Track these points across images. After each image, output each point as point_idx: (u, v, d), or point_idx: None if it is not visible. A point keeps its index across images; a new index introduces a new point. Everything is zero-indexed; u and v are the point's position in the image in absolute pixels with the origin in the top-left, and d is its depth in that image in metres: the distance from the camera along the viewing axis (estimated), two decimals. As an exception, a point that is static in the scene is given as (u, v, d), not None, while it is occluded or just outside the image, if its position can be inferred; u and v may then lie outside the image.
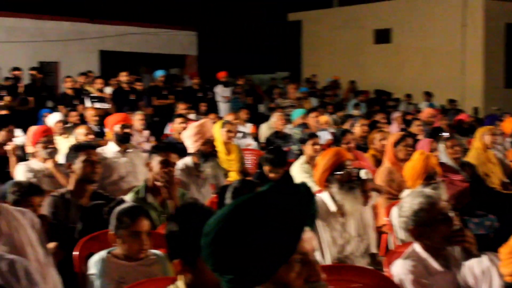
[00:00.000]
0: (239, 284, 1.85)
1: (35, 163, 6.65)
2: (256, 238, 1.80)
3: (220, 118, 11.14)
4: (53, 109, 11.78)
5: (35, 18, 18.48)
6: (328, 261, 4.56)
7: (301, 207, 1.90)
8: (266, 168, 6.26)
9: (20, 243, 3.28)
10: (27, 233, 3.34)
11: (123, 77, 13.34)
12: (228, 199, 4.32)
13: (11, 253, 2.75)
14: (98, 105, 12.78)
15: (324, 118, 11.84)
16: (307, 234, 1.91)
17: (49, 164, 6.58)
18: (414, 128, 10.40)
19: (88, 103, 12.84)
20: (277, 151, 6.50)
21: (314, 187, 6.13)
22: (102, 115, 11.56)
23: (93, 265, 3.78)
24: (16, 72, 12.90)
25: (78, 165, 4.79)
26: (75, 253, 3.97)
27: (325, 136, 10.46)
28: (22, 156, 7.59)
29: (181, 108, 11.52)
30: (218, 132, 7.98)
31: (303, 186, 1.98)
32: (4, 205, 3.33)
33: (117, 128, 7.25)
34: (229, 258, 1.84)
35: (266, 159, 6.30)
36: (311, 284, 1.88)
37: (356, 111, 15.66)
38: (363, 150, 8.52)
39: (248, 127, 12.18)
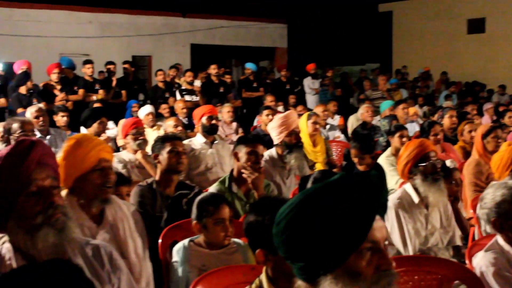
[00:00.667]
0: (310, 271, 1.88)
1: (126, 154, 6.85)
2: (326, 226, 1.82)
3: (308, 110, 11.14)
4: (144, 102, 12.07)
5: (129, 13, 18.93)
6: (410, 252, 4.52)
7: (372, 196, 1.90)
8: (353, 155, 6.16)
9: (122, 234, 3.40)
10: (130, 225, 3.46)
11: (213, 69, 13.54)
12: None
13: (113, 243, 2.88)
14: (187, 97, 13.03)
15: (413, 109, 11.68)
16: (378, 222, 1.91)
17: (138, 155, 6.76)
18: (507, 119, 10.14)
19: (178, 95, 13.10)
20: (364, 138, 6.41)
21: (398, 179, 6.10)
22: (191, 108, 11.77)
23: (176, 252, 3.89)
24: (110, 66, 13.26)
25: (164, 155, 4.91)
26: (160, 241, 4.07)
27: (414, 128, 10.33)
28: (114, 148, 7.82)
29: (268, 100, 11.58)
30: (304, 124, 7.99)
31: (375, 175, 1.99)
32: (113, 196, 3.47)
33: (204, 120, 7.38)
34: (300, 246, 1.87)
35: (354, 146, 6.22)
36: (382, 273, 1.88)
37: (448, 102, 15.34)
38: (452, 142, 8.36)
39: (336, 119, 12.15)
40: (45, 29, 17.35)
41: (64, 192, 3.26)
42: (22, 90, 10.58)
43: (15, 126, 5.50)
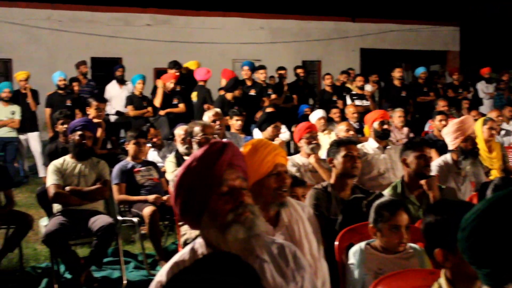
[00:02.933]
0: (496, 278, 1.86)
1: (299, 158, 6.99)
2: None
3: (483, 115, 10.81)
4: (313, 106, 12.20)
5: (299, 19, 19.22)
6: None
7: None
8: None
9: (298, 235, 3.49)
10: (305, 226, 3.55)
11: (397, 73, 13.46)
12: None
13: None
14: (358, 102, 13.04)
15: None
16: None
17: (312, 159, 6.87)
18: None
19: (348, 100, 13.15)
20: None
21: None
22: (362, 112, 11.77)
23: (353, 255, 3.93)
24: (281, 72, 13.54)
25: (339, 159, 4.98)
26: (336, 243, 4.14)
27: None
28: (286, 152, 7.99)
29: (441, 105, 11.35)
30: (479, 130, 7.77)
31: None
32: (288, 198, 3.58)
33: (375, 124, 7.38)
34: (486, 253, 1.85)
35: None
36: None
37: None
38: None
39: (512, 125, 11.70)
40: (219, 36, 18.00)
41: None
42: (228, 96, 11.06)
43: (197, 129, 5.76)
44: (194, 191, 2.45)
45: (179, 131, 7.68)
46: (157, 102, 11.31)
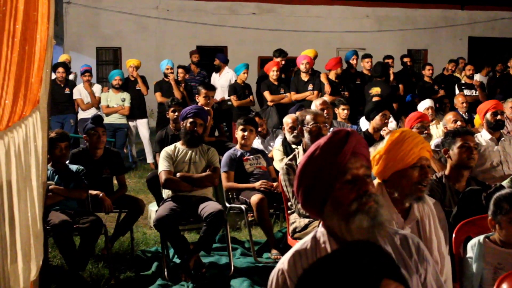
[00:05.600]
0: None
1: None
2: None
3: None
4: (420, 96, 11.94)
5: (405, 7, 18.90)
6: None
7: None
8: None
9: (428, 230, 3.42)
10: (435, 222, 3.49)
11: None
12: None
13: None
14: (466, 92, 12.70)
15: None
16: None
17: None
18: None
19: (457, 90, 12.83)
20: None
21: None
22: (471, 102, 11.48)
23: (471, 248, 3.83)
24: (388, 60, 13.34)
25: (454, 150, 4.87)
26: (454, 235, 4.04)
27: None
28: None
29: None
30: None
31: None
32: (425, 194, 3.52)
33: (488, 115, 7.18)
34: None
35: None
36: None
37: None
38: None
39: None
40: (323, 24, 17.95)
41: (375, 182, 3.35)
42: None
43: (308, 117, 5.76)
44: (317, 180, 2.43)
45: (287, 119, 7.70)
46: (266, 93, 11.30)
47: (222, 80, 12.78)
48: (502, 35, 20.03)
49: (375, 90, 11.51)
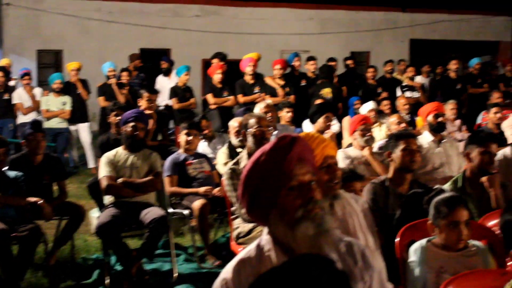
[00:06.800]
0: None
1: (352, 151, 6.90)
2: None
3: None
4: (363, 98, 12.01)
5: (348, 9, 19.05)
6: None
7: None
8: None
9: (352, 228, 3.44)
10: (359, 219, 3.49)
11: (453, 65, 13.22)
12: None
13: None
14: (408, 94, 12.86)
15: None
16: None
17: (365, 152, 6.78)
18: None
19: (398, 92, 12.97)
20: None
21: None
22: (413, 104, 11.61)
23: (413, 252, 3.84)
24: (331, 63, 13.40)
25: (397, 153, 4.88)
26: (397, 239, 4.05)
27: None
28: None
29: (495, 97, 11.12)
30: (538, 123, 7.59)
31: None
32: (340, 191, 3.52)
33: (430, 117, 7.26)
34: None
35: None
36: None
37: None
38: None
39: None
40: (268, 27, 17.95)
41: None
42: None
43: (252, 121, 5.70)
44: (262, 187, 2.38)
45: (233, 122, 7.65)
46: (209, 96, 11.24)
47: (172, 83, 12.71)
48: (443, 37, 20.35)
49: (326, 92, 11.57)
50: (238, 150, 7.41)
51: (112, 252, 6.30)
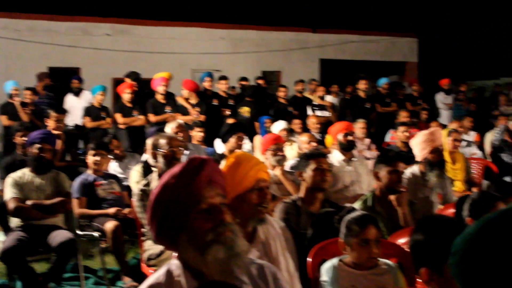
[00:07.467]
0: (490, 304, 1.78)
1: (264, 170, 6.88)
2: (507, 258, 1.72)
3: (443, 126, 10.89)
4: (274, 117, 12.10)
5: (260, 29, 19.19)
6: None
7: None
8: None
9: (275, 252, 3.41)
10: (281, 243, 3.47)
11: (363, 85, 13.45)
12: (465, 211, 4.20)
13: (264, 260, 2.89)
14: (319, 113, 13.02)
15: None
16: None
17: (277, 171, 6.79)
18: None
19: (309, 111, 13.11)
20: None
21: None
22: (323, 123, 11.76)
23: (325, 272, 3.84)
24: (243, 82, 13.45)
25: (308, 173, 4.90)
26: (309, 259, 4.04)
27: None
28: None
29: (403, 115, 11.40)
30: (444, 141, 7.79)
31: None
32: (266, 215, 3.50)
33: (340, 136, 7.34)
34: (479, 278, 1.77)
35: None
36: None
37: None
38: None
39: (472, 136, 11.81)
40: (179, 46, 17.87)
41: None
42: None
43: (162, 141, 5.63)
44: (171, 210, 2.33)
45: (150, 141, 7.53)
46: (118, 116, 11.09)
47: (83, 102, 12.45)
48: (352, 57, 20.75)
49: (245, 109, 11.61)
50: (153, 169, 7.30)
51: (17, 277, 6.07)
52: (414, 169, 6.53)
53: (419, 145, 6.55)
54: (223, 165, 3.45)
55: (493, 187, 6.04)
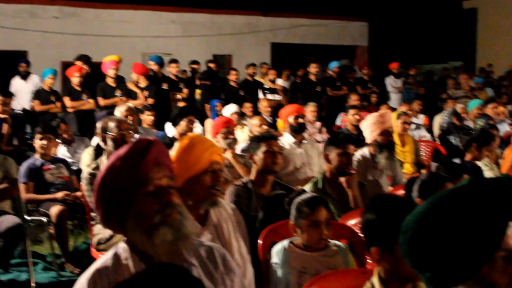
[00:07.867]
0: (439, 282, 1.80)
1: (215, 153, 6.85)
2: (456, 236, 1.74)
3: (393, 109, 11.00)
4: (225, 101, 12.07)
5: (210, 13, 19.09)
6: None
7: (504, 201, 1.79)
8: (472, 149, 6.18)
9: (227, 235, 3.40)
10: (234, 226, 3.46)
11: (313, 68, 13.48)
12: (415, 192, 4.25)
13: (217, 243, 2.88)
14: (270, 96, 13.03)
15: (501, 109, 11.37)
16: (512, 229, 1.81)
17: (228, 154, 6.76)
18: None
19: (260, 94, 13.11)
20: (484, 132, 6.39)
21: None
22: (274, 106, 11.77)
23: (276, 254, 3.84)
24: (194, 66, 13.37)
25: (259, 155, 4.88)
26: (259, 241, 4.04)
27: (504, 128, 10.05)
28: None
29: (353, 99, 11.48)
30: (393, 123, 7.86)
31: (507, 179, 1.87)
32: (219, 198, 3.49)
33: (291, 119, 7.36)
34: (428, 256, 1.79)
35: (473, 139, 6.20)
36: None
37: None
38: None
39: (421, 119, 11.97)
40: (128, 29, 17.68)
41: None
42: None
43: (111, 125, 5.56)
44: (118, 193, 2.29)
45: (99, 124, 7.43)
46: (66, 99, 10.92)
47: (30, 86, 12.21)
48: (303, 41, 20.79)
49: (197, 92, 11.64)
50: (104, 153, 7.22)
51: (-37, 264, 5.96)
52: (364, 151, 6.58)
53: (369, 127, 6.60)
54: (176, 147, 3.43)
55: (442, 169, 6.09)
